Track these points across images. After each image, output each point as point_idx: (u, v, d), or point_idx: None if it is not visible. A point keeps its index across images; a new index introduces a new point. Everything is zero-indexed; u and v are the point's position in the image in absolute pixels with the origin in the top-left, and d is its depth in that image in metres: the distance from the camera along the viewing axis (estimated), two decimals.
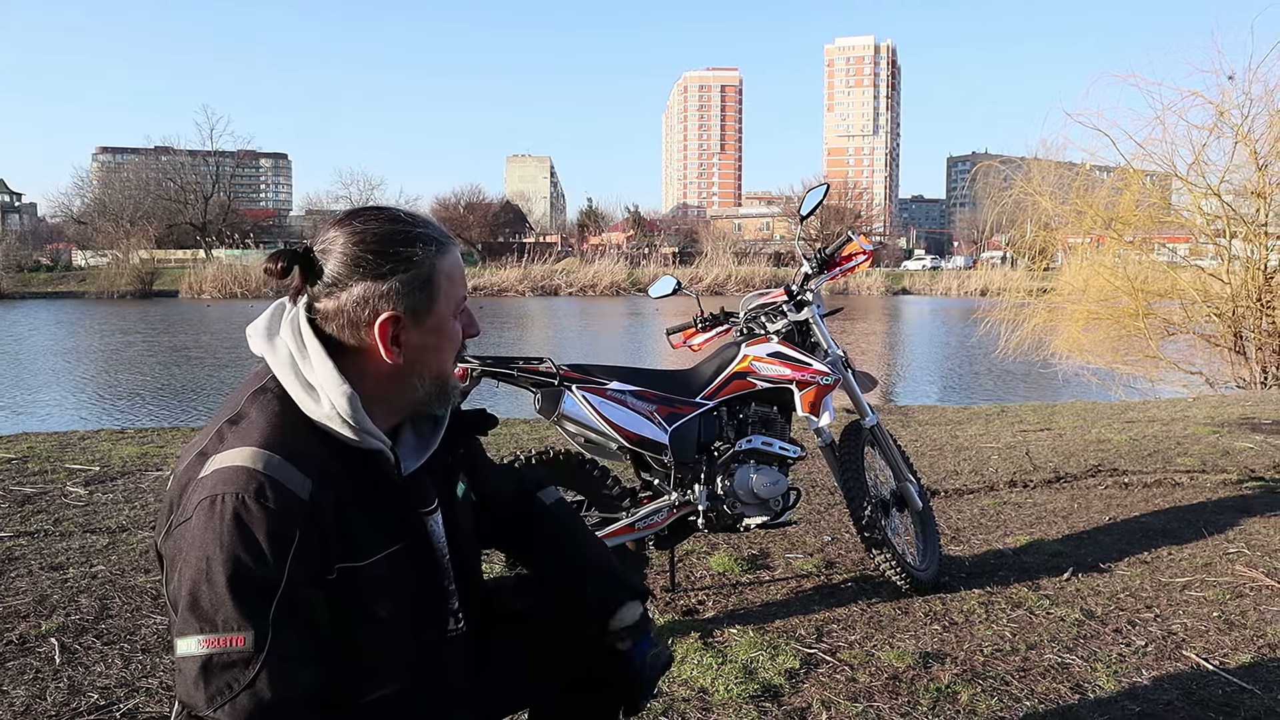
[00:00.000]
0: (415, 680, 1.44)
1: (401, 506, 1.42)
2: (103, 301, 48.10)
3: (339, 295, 1.38)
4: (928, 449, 6.40)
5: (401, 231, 1.41)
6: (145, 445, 6.10)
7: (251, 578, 1.22)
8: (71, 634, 2.95)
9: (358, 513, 1.35)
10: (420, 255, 1.41)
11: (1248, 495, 4.97)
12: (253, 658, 1.20)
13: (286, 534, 1.25)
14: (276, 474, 1.27)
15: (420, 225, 1.44)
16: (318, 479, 1.31)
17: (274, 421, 1.34)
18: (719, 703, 2.56)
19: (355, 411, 1.36)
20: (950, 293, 55.01)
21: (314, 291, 1.39)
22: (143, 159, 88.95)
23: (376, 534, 1.38)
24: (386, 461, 1.39)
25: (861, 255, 3.59)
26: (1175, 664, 2.86)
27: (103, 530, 4.09)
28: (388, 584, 1.37)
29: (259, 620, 1.21)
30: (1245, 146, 12.30)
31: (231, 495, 1.24)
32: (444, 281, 1.43)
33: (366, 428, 1.37)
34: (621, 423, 3.08)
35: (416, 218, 1.45)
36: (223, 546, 1.22)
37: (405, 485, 1.43)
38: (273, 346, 1.41)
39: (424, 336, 1.43)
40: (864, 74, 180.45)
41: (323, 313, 1.39)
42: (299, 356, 1.39)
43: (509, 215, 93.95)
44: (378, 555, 1.37)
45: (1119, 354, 13.08)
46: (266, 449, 1.29)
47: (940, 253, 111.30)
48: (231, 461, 1.28)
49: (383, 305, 1.39)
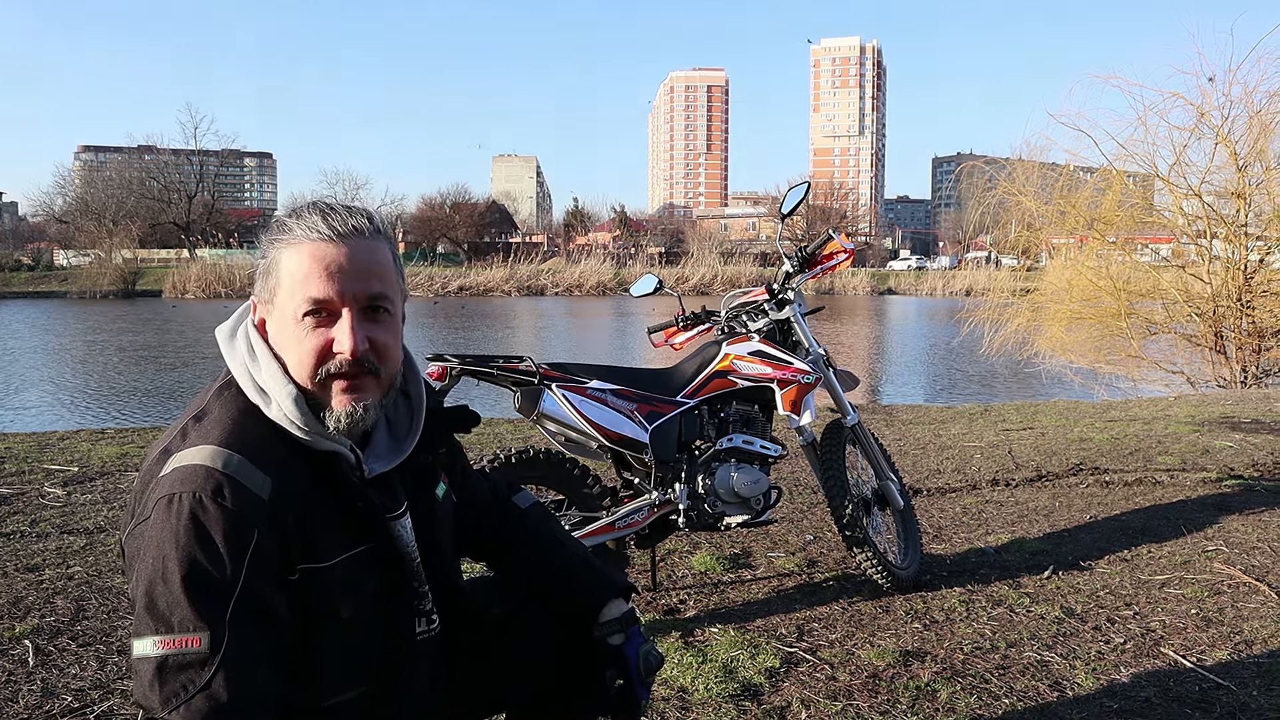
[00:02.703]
0: (380, 684, 1.42)
1: (365, 509, 1.39)
2: (85, 301, 47.68)
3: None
4: (911, 448, 6.42)
5: (279, 219, 1.38)
6: (125, 445, 6.05)
7: (208, 578, 1.21)
8: (46, 636, 2.92)
9: (320, 513, 1.34)
10: (268, 242, 1.38)
11: (1227, 493, 5.01)
12: (209, 659, 1.19)
13: (244, 534, 1.23)
14: (236, 473, 1.26)
15: (298, 213, 1.37)
16: (279, 478, 1.29)
17: (236, 419, 1.33)
18: (698, 702, 2.55)
19: (301, 413, 1.34)
20: (935, 293, 55.18)
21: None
22: (126, 157, 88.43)
23: (340, 536, 1.36)
24: (345, 462, 1.37)
25: (842, 254, 3.59)
26: (1153, 661, 2.87)
27: (80, 531, 4.05)
28: (351, 586, 1.36)
29: (215, 621, 1.20)
30: (1225, 148, 12.38)
31: (189, 495, 1.23)
32: (286, 276, 1.35)
33: (314, 429, 1.35)
34: (602, 421, 3.08)
35: (310, 207, 1.37)
36: (179, 547, 1.21)
37: (370, 487, 1.40)
38: (232, 347, 1.41)
39: (276, 331, 1.39)
40: (850, 75, 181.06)
41: None
42: (249, 358, 1.38)
43: (495, 215, 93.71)
44: (340, 557, 1.35)
45: (1102, 353, 13.15)
46: (227, 447, 1.28)
47: (925, 253, 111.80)
48: (191, 460, 1.27)
49: (253, 289, 1.42)
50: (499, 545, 1.76)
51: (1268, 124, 12.08)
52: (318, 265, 1.32)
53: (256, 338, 1.39)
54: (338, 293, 1.33)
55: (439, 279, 55.87)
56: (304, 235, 1.33)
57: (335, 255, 1.33)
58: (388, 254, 1.40)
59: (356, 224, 1.35)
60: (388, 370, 1.40)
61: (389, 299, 1.38)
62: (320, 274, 1.32)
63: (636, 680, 1.62)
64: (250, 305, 1.44)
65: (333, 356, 1.34)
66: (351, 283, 1.33)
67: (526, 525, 1.77)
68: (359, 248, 1.35)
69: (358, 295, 1.34)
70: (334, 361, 1.34)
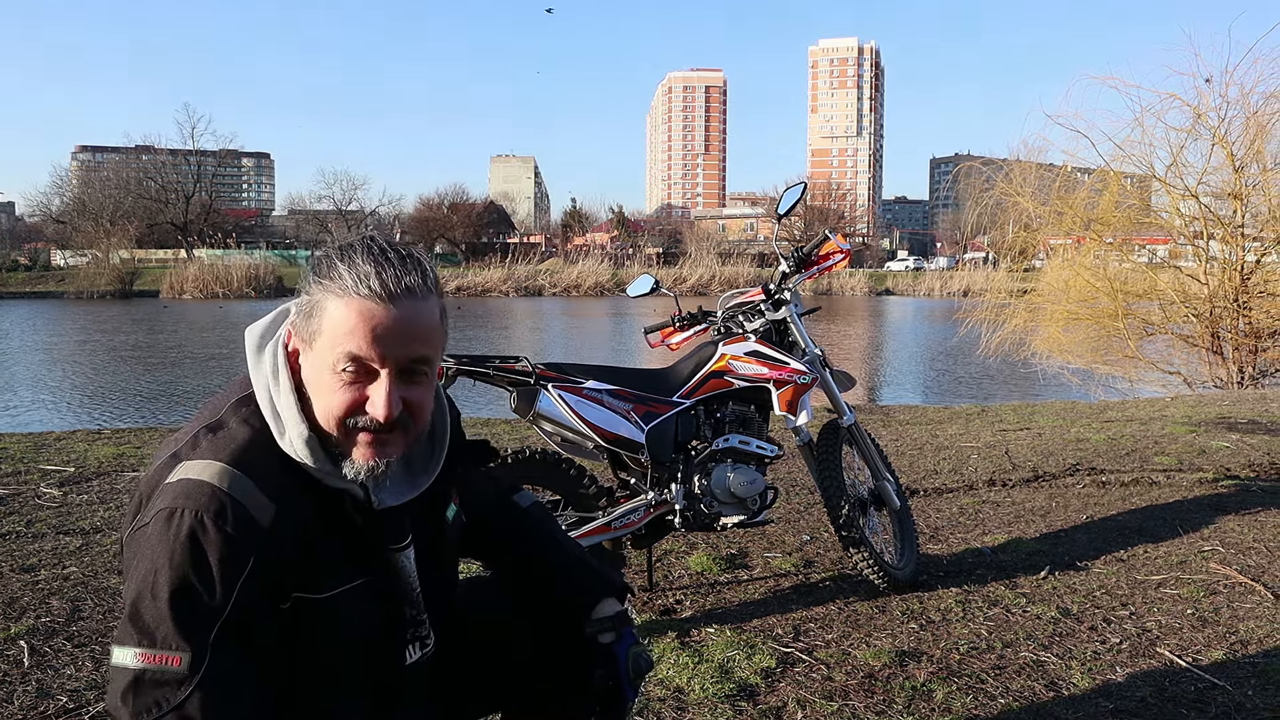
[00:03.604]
0: (362, 714, 1.40)
1: (370, 542, 1.38)
2: (82, 301, 47.63)
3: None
4: (908, 448, 6.42)
5: (331, 255, 1.31)
6: (122, 446, 6.04)
7: (197, 599, 1.20)
8: (41, 636, 2.92)
9: (322, 544, 1.33)
10: (315, 282, 1.31)
11: (1223, 494, 5.01)
12: (186, 679, 1.18)
13: (240, 560, 1.22)
14: (240, 496, 1.25)
15: (349, 259, 1.30)
16: (282, 505, 1.28)
17: (250, 438, 1.31)
18: (694, 702, 2.55)
19: (312, 453, 1.32)
20: (933, 293, 55.23)
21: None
22: (123, 158, 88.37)
23: (339, 567, 1.35)
24: (354, 499, 1.36)
25: (839, 254, 3.59)
26: (1149, 661, 2.88)
27: (76, 531, 4.04)
28: (345, 618, 1.35)
29: (198, 643, 1.19)
30: (1222, 149, 12.41)
31: (190, 512, 1.22)
32: (329, 326, 1.29)
33: (326, 470, 1.33)
34: (598, 422, 3.07)
35: (362, 254, 1.30)
36: (173, 563, 1.20)
37: (377, 520, 1.39)
38: (259, 360, 1.38)
39: (310, 371, 1.34)
40: (848, 75, 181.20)
41: None
42: (273, 381, 1.36)
43: (493, 215, 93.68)
44: (337, 589, 1.34)
45: (1099, 354, 13.17)
46: (235, 468, 1.27)
47: (923, 253, 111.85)
48: (198, 474, 1.25)
49: (291, 321, 1.37)
50: (499, 545, 1.75)
51: (1264, 125, 12.11)
52: (363, 324, 1.27)
53: (284, 362, 1.36)
54: (379, 355, 1.28)
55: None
56: (353, 288, 1.27)
57: (383, 317, 1.27)
58: (435, 314, 1.34)
59: (410, 284, 1.29)
60: (417, 427, 1.37)
61: (430, 361, 1.34)
62: (365, 334, 1.27)
63: (625, 680, 1.62)
64: (286, 320, 1.39)
65: (364, 413, 1.31)
66: (395, 347, 1.29)
67: (527, 524, 1.76)
68: (409, 310, 1.29)
69: (399, 359, 1.30)
70: (365, 418, 1.31)
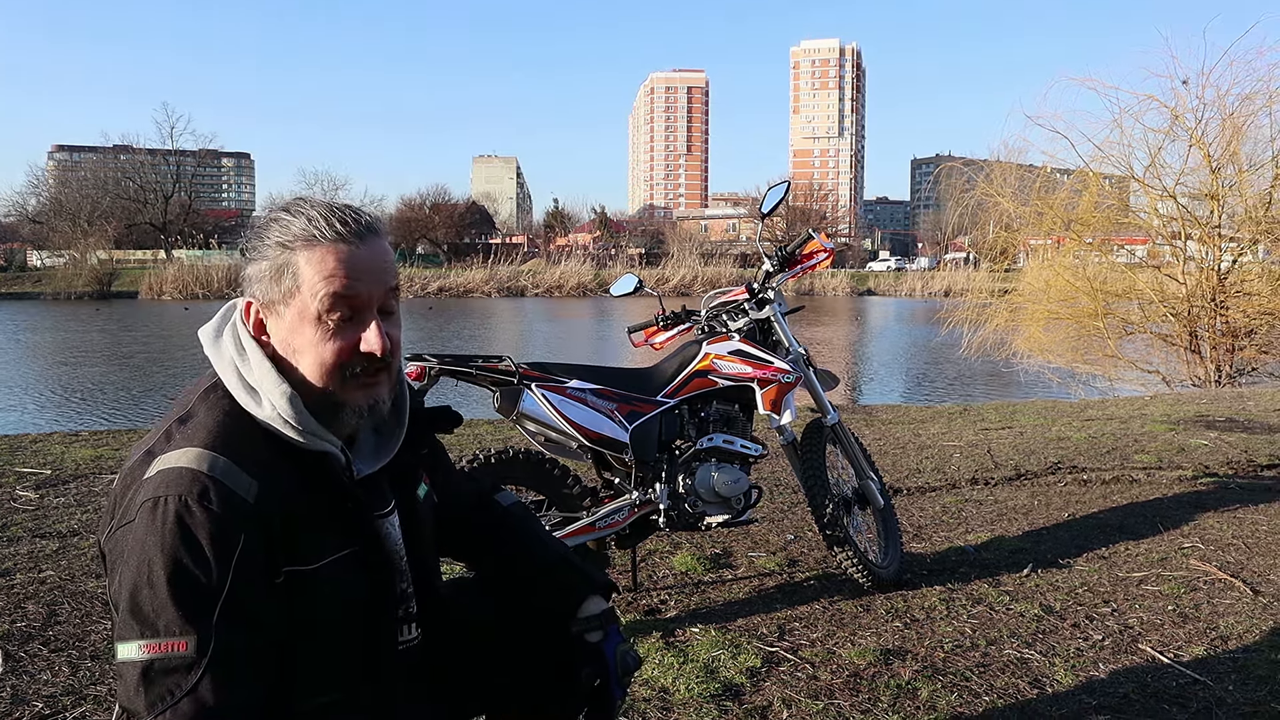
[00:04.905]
0: (356, 690, 1.40)
1: (354, 509, 1.39)
2: (60, 302, 47.19)
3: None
4: (891, 447, 6.44)
5: (274, 219, 1.36)
6: (100, 448, 5.97)
7: (194, 582, 1.20)
8: (17, 641, 2.87)
9: (307, 515, 1.33)
10: (273, 244, 1.35)
11: (1202, 491, 5.05)
12: (195, 663, 1.18)
13: (230, 538, 1.22)
14: (221, 476, 1.25)
15: (299, 213, 1.34)
16: (265, 481, 1.28)
17: (221, 421, 1.32)
18: (679, 702, 2.54)
19: (297, 412, 1.33)
20: (914, 293, 55.50)
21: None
22: (101, 157, 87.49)
23: (327, 537, 1.35)
24: (336, 463, 1.36)
25: (822, 253, 3.59)
26: (1131, 657, 2.89)
27: (53, 535, 3.99)
28: (338, 588, 1.35)
29: (202, 625, 1.19)
30: (1199, 150, 12.53)
31: (174, 498, 1.22)
32: (307, 277, 1.32)
33: (310, 428, 1.34)
34: (581, 421, 3.06)
35: (309, 207, 1.35)
36: (164, 550, 1.20)
37: (359, 487, 1.40)
38: (218, 348, 1.39)
39: (286, 333, 1.36)
40: (829, 76, 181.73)
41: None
42: (238, 358, 1.37)
43: (475, 216, 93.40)
44: (327, 559, 1.34)
45: (1079, 353, 13.27)
46: (212, 450, 1.27)
47: (905, 254, 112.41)
48: (176, 463, 1.25)
49: (246, 291, 1.39)
50: (481, 544, 1.75)
51: (1240, 126, 12.25)
52: (341, 265, 1.32)
53: (248, 338, 1.38)
54: (365, 292, 1.34)
55: (418, 280, 55.68)
56: (321, 236, 1.33)
57: (358, 255, 1.34)
58: (390, 248, 1.43)
59: (367, 222, 1.37)
60: (397, 361, 1.42)
61: (398, 293, 1.42)
62: (346, 274, 1.32)
63: (613, 679, 1.61)
64: (237, 306, 1.42)
65: (357, 356, 1.35)
66: (374, 281, 1.35)
67: (509, 523, 1.76)
68: (376, 244, 1.36)
69: (378, 292, 1.36)
70: (360, 360, 1.35)
